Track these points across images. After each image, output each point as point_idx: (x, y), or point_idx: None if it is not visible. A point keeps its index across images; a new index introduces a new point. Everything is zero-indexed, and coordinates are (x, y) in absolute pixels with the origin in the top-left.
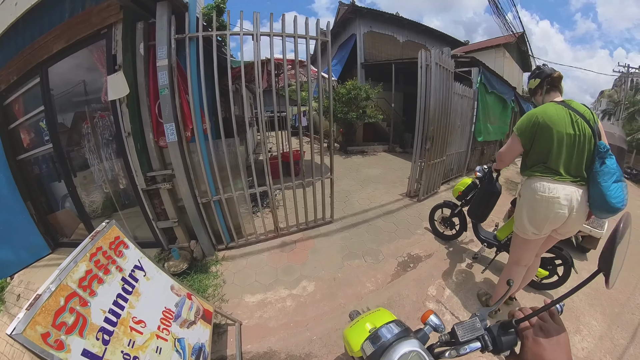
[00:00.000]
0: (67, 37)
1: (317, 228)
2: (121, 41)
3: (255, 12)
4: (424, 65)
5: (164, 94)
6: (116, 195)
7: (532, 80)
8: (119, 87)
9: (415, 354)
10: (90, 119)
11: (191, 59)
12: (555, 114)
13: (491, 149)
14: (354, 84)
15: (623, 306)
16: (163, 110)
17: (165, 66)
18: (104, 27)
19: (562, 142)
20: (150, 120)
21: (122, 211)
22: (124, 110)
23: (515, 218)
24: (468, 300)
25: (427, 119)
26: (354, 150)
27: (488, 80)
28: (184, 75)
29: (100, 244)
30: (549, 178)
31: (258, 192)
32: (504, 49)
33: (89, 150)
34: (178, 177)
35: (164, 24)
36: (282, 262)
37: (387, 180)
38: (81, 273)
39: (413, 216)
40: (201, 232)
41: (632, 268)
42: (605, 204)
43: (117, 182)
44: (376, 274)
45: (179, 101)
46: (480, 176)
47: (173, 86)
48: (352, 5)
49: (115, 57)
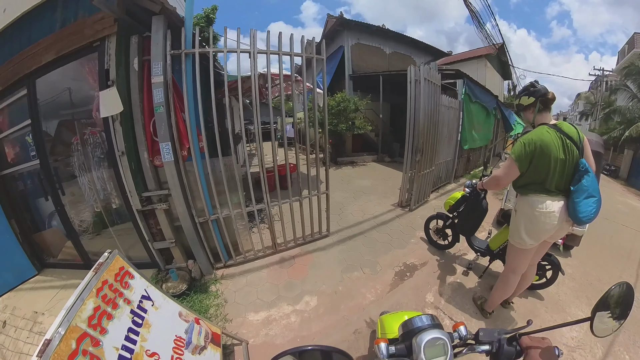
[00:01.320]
0: (58, 48)
1: (314, 242)
2: (115, 55)
3: (252, 30)
4: (412, 80)
5: (160, 112)
6: (108, 215)
7: (526, 98)
8: (112, 103)
9: (442, 342)
10: (80, 135)
11: (187, 76)
12: (551, 141)
13: (477, 155)
14: (343, 96)
15: None
16: (159, 128)
17: (161, 83)
18: (97, 40)
19: (556, 166)
20: (145, 138)
21: (113, 229)
22: (117, 128)
23: (512, 231)
24: (464, 305)
25: (416, 132)
26: (344, 161)
27: (472, 91)
28: (179, 93)
29: (105, 277)
30: (544, 196)
31: (256, 210)
32: (485, 60)
33: (79, 168)
34: (175, 197)
35: (159, 38)
36: (282, 279)
37: (378, 191)
38: (89, 311)
39: (406, 226)
40: (199, 252)
41: (615, 259)
42: (575, 216)
43: (110, 202)
44: (375, 284)
45: (175, 119)
46: (469, 192)
47: (169, 104)
48: (341, 17)
49: (108, 72)
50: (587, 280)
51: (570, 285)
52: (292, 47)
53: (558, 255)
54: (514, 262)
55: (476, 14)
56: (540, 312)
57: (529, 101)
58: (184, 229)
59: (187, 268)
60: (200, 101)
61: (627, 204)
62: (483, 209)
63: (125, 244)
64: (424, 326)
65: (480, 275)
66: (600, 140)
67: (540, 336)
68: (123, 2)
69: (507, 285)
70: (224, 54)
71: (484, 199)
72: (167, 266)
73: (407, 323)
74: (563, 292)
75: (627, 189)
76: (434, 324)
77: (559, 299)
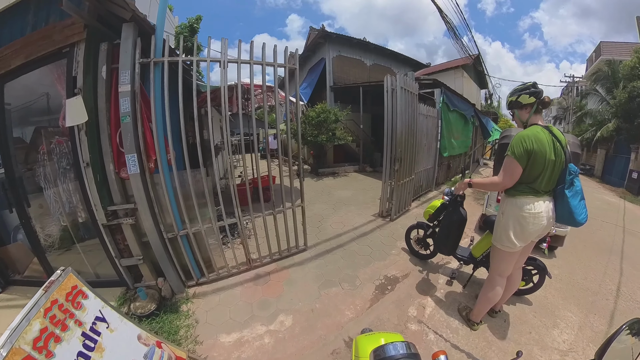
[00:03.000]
0: (27, 52)
1: (291, 257)
2: (83, 62)
3: (223, 38)
4: (389, 90)
5: (126, 122)
6: (75, 229)
7: (526, 96)
8: (78, 112)
9: None
10: (47, 144)
11: (155, 85)
12: (545, 141)
13: (456, 162)
14: (323, 107)
15: (596, 294)
16: (124, 139)
17: (128, 92)
18: (67, 46)
19: (547, 167)
20: (111, 149)
21: (81, 244)
22: (82, 138)
23: (499, 235)
24: (449, 316)
25: (394, 141)
26: (325, 172)
27: (450, 100)
28: (147, 102)
29: (55, 297)
30: (532, 197)
31: (227, 225)
32: (462, 70)
33: (45, 179)
34: (141, 211)
35: (128, 46)
36: (256, 297)
37: (359, 201)
38: (35, 332)
39: (387, 236)
40: (169, 269)
41: (598, 255)
42: (572, 219)
43: (76, 215)
44: (354, 300)
45: (142, 130)
46: (448, 199)
47: (136, 114)
48: (322, 30)
49: (75, 80)
50: (573, 280)
51: (557, 286)
52: (263, 57)
53: (543, 258)
54: (500, 265)
55: (453, 27)
56: (529, 318)
57: (529, 100)
58: (151, 245)
59: (156, 286)
60: (169, 111)
61: (604, 200)
62: (463, 218)
63: (93, 261)
64: (398, 357)
65: (465, 284)
66: (576, 141)
67: None
68: (94, 9)
69: (494, 291)
70: (206, 63)
71: (462, 207)
72: (136, 284)
73: (379, 351)
74: (550, 295)
75: (602, 186)
76: (408, 354)
77: (547, 302)
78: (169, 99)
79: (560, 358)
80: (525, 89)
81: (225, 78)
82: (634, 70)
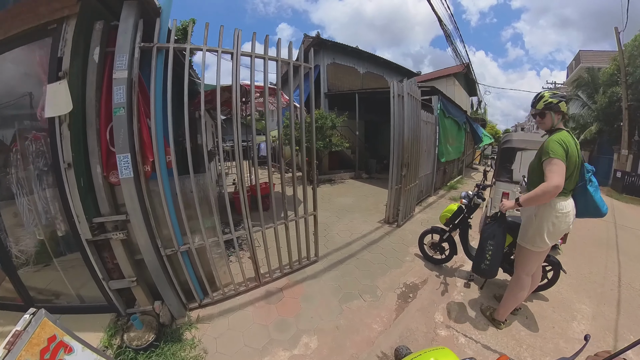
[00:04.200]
0: (6, 27)
1: (302, 270)
2: (72, 41)
3: (236, 29)
4: (396, 96)
5: (119, 114)
6: (54, 244)
7: (564, 104)
8: (61, 100)
9: None
10: (21, 140)
11: (157, 75)
12: (573, 143)
13: (451, 167)
14: (320, 113)
15: (602, 285)
16: (116, 136)
17: (124, 79)
18: (54, 21)
19: (576, 167)
20: (99, 148)
21: (61, 260)
22: (64, 133)
23: (532, 237)
24: (475, 318)
25: (401, 146)
26: (322, 179)
27: (445, 107)
28: (146, 94)
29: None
30: (563, 197)
31: (235, 238)
32: (454, 78)
33: (17, 184)
34: (135, 224)
35: (128, 27)
36: (272, 317)
37: (361, 208)
38: None
39: (397, 243)
40: (167, 291)
41: (597, 250)
42: (598, 211)
43: (55, 229)
44: (379, 312)
45: (138, 126)
46: (466, 203)
47: (132, 106)
48: (317, 37)
49: (61, 61)
50: (581, 274)
51: (567, 282)
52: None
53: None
54: (529, 265)
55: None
56: (549, 313)
57: (564, 109)
58: (147, 263)
59: (153, 312)
60: (171, 106)
61: None
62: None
63: (76, 281)
64: None
65: (482, 286)
66: None
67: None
68: None
69: (523, 290)
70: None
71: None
72: (129, 310)
73: None
74: (564, 290)
75: None
76: None
77: (562, 297)
78: (186, 96)
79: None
80: (563, 97)
81: (237, 71)
82: (613, 76)
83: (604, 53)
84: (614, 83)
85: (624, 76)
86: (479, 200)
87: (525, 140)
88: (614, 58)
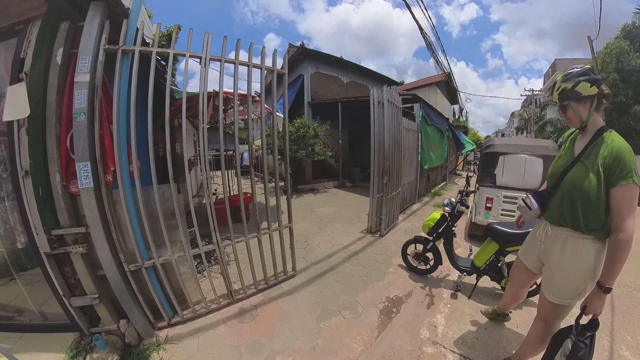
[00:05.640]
0: None
1: (279, 285)
2: (36, 42)
3: (206, 32)
4: (376, 102)
5: (79, 120)
6: (14, 257)
7: (587, 85)
8: (19, 104)
9: None
10: None
11: (122, 79)
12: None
13: (435, 174)
14: (303, 122)
15: None
16: (76, 143)
17: (86, 83)
18: (21, 22)
19: None
20: (59, 155)
21: (23, 275)
22: (22, 138)
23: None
24: (463, 331)
25: (382, 154)
26: (305, 188)
27: (427, 114)
28: (110, 100)
29: None
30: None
31: (203, 252)
32: (435, 87)
33: None
34: (95, 236)
35: (93, 28)
36: (244, 337)
37: (344, 217)
38: None
39: (380, 253)
40: (133, 309)
41: None
42: None
43: (15, 241)
44: (360, 330)
45: (100, 133)
46: (449, 210)
47: (93, 112)
48: (302, 47)
49: (23, 62)
50: None
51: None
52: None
53: None
54: (559, 319)
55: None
56: None
57: (590, 91)
58: (109, 279)
59: (118, 331)
60: (135, 112)
61: None
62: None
63: (38, 297)
64: None
65: (470, 295)
66: (555, 145)
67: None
68: None
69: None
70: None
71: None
72: (93, 329)
73: None
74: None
75: None
76: None
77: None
78: (138, 99)
79: None
80: (583, 74)
81: (205, 76)
82: None
83: (579, 61)
84: None
85: None
86: (462, 208)
87: (508, 144)
88: (588, 64)
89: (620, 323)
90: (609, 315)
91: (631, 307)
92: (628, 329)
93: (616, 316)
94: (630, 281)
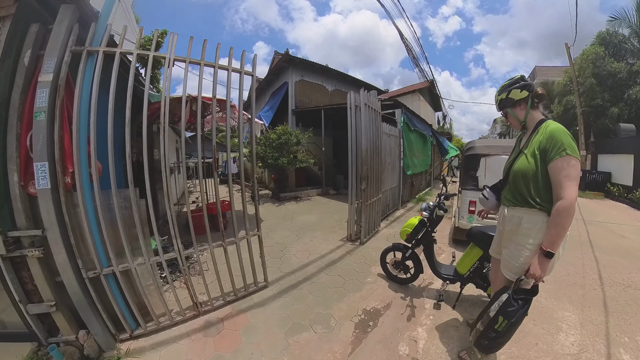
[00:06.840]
0: None
1: (249, 297)
2: (4, 42)
3: (172, 33)
4: (353, 107)
5: (39, 119)
6: None
7: (517, 91)
8: None
9: None
10: None
11: (85, 80)
12: None
13: (419, 180)
14: (284, 129)
15: (583, 287)
16: (35, 142)
17: (49, 82)
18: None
19: None
20: (18, 154)
21: None
22: None
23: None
24: (448, 346)
25: (359, 159)
26: (287, 196)
27: (410, 120)
28: (72, 100)
29: None
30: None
31: (164, 261)
32: (419, 94)
33: None
34: (52, 240)
35: (62, 29)
36: (207, 352)
37: (324, 225)
38: None
39: (359, 262)
40: (92, 319)
41: (571, 249)
42: None
43: None
44: (332, 346)
45: (60, 133)
46: (427, 215)
47: (54, 111)
48: (286, 54)
49: None
50: (559, 279)
51: (545, 287)
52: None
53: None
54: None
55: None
56: (530, 328)
57: (521, 95)
58: (66, 286)
59: (77, 342)
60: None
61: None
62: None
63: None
64: None
65: (454, 305)
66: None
67: None
68: None
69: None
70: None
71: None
72: (51, 339)
73: None
74: (543, 298)
75: None
76: None
77: (542, 307)
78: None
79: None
80: (514, 83)
81: (168, 77)
82: (567, 86)
83: (557, 68)
84: (568, 92)
85: (576, 85)
86: (441, 212)
87: (489, 145)
88: (566, 71)
89: (615, 324)
90: (602, 317)
91: (625, 305)
92: (625, 330)
93: (610, 317)
94: (622, 278)
